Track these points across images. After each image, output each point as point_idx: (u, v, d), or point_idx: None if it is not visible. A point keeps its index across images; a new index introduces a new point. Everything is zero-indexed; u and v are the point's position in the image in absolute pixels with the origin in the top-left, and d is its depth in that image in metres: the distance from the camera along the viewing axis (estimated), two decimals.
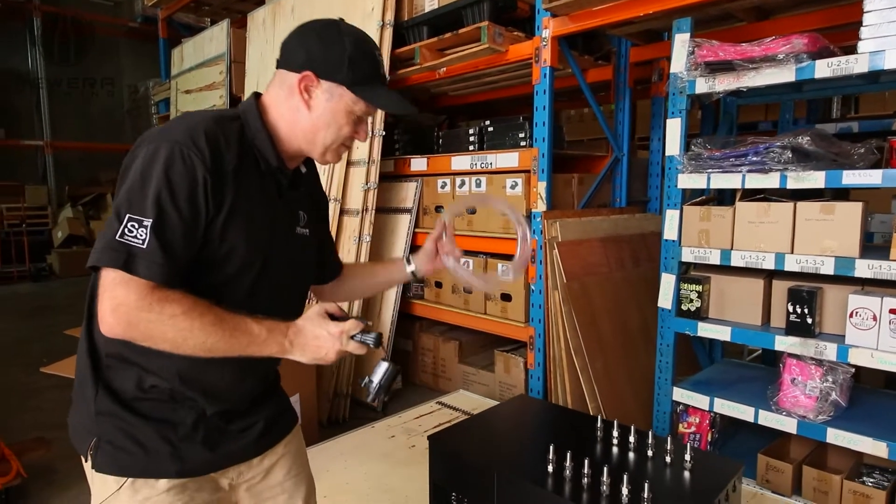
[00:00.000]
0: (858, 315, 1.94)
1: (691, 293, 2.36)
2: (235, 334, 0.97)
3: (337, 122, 1.09)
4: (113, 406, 1.04)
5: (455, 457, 1.33)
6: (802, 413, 2.06)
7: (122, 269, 0.91)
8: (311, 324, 1.03)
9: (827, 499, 2.09)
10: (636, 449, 1.31)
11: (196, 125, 1.00)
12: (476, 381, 3.49)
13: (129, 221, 0.92)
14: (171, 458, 1.04)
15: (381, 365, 1.12)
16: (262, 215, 1.07)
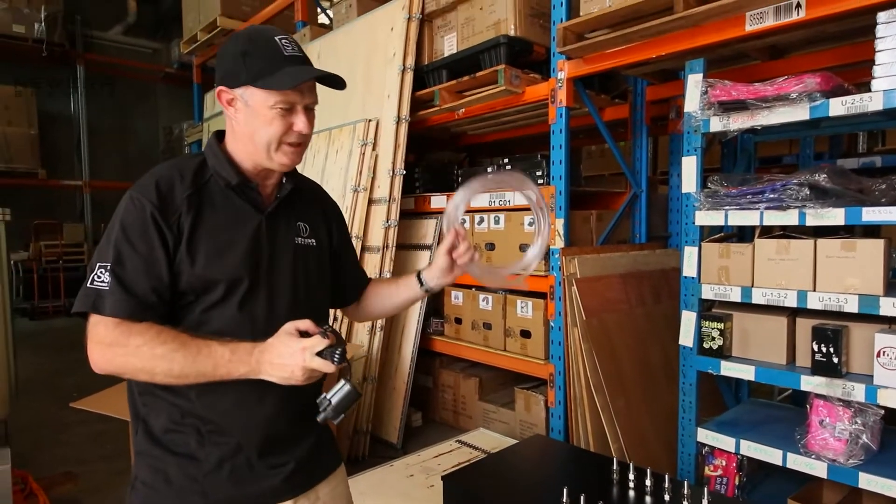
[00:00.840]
0: (886, 354, 1.89)
1: (713, 331, 2.33)
2: (199, 358, 0.99)
3: (262, 122, 1.07)
4: (147, 444, 1.09)
5: (469, 497, 1.33)
6: (832, 457, 1.99)
7: (91, 310, 1.01)
8: (277, 341, 1.02)
9: None
10: (653, 493, 1.29)
11: (150, 175, 1.10)
12: (496, 419, 3.46)
13: (98, 268, 1.02)
14: (195, 493, 1.07)
15: (340, 384, 1.04)
16: (237, 233, 1.11)
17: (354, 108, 3.70)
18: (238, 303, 1.09)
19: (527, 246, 3.07)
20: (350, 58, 3.83)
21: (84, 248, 9.12)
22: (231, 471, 1.09)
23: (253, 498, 1.11)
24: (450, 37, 3.38)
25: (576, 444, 2.85)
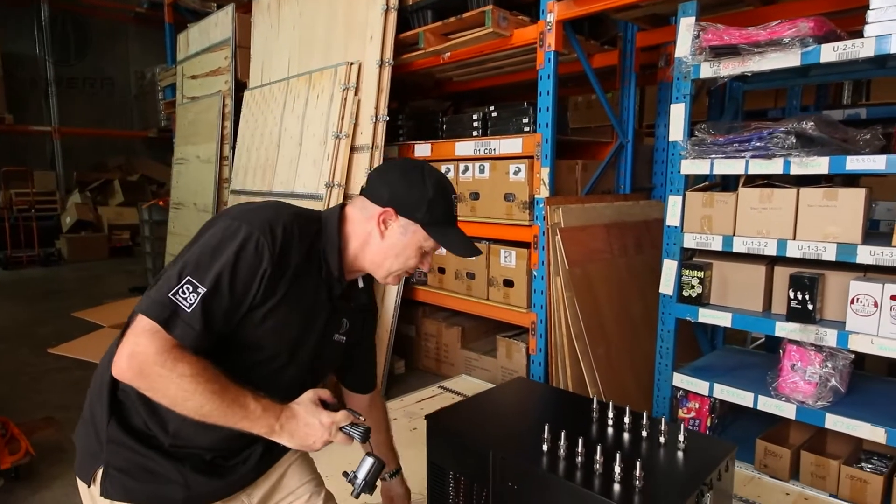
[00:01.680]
0: (859, 301, 1.94)
1: (693, 279, 2.36)
2: (233, 407, 0.99)
3: (406, 254, 1.16)
4: (123, 436, 1.08)
5: (452, 436, 1.35)
6: (801, 399, 2.07)
7: (160, 323, 0.96)
8: (304, 410, 1.04)
9: (825, 484, 2.10)
10: (631, 430, 1.32)
11: (278, 217, 1.06)
12: (479, 366, 3.52)
13: (186, 283, 0.98)
14: (179, 486, 1.08)
15: (365, 461, 1.12)
16: (306, 315, 1.12)
17: (336, 51, 3.56)
18: (267, 371, 1.11)
19: (512, 196, 3.06)
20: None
21: (56, 196, 8.87)
22: (210, 468, 1.12)
23: (230, 486, 1.16)
24: None
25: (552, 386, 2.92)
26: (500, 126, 3.23)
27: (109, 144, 10.40)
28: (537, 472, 1.18)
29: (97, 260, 8.35)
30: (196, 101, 5.26)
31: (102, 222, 8.76)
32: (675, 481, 1.14)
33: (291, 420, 1.03)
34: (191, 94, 5.41)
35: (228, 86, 4.72)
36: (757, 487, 2.07)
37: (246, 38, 4.57)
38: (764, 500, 1.98)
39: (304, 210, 1.16)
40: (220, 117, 4.77)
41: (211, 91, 5.00)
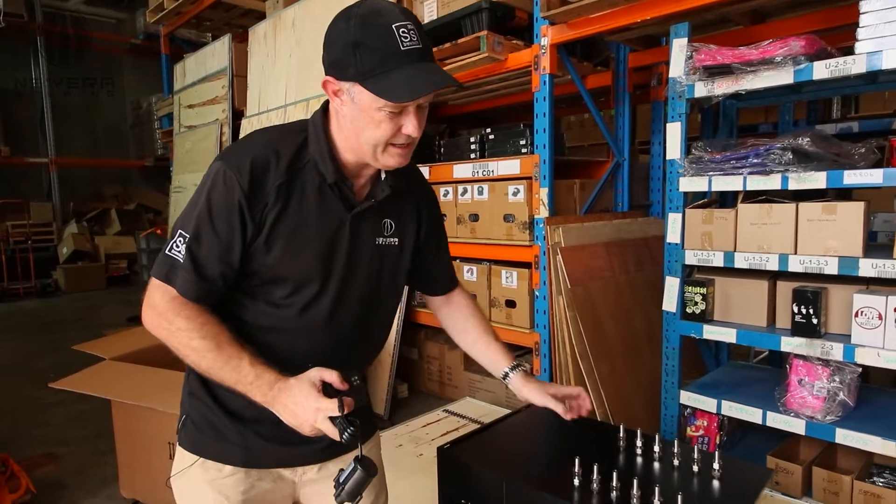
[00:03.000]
0: (864, 314, 1.94)
1: (696, 296, 2.36)
2: (225, 368, 0.99)
3: (369, 123, 0.98)
4: (199, 389, 1.12)
5: (464, 467, 1.33)
6: (810, 414, 2.05)
7: (164, 280, 1.01)
8: (297, 388, 0.97)
9: (838, 500, 2.07)
10: (661, 459, 1.29)
11: (246, 148, 1.04)
12: (482, 388, 3.49)
13: (178, 237, 1.01)
14: (238, 448, 1.10)
15: (351, 469, 0.97)
16: (320, 231, 1.06)
17: None
18: (300, 308, 1.07)
19: (512, 217, 3.08)
20: (325, 24, 3.71)
21: (53, 227, 8.87)
22: (274, 435, 1.11)
23: (289, 458, 1.15)
24: (430, 2, 3.30)
25: None
26: (497, 148, 3.26)
27: (106, 174, 10.43)
28: (553, 501, 1.16)
29: (95, 290, 8.31)
30: (193, 130, 5.30)
31: (99, 252, 8.74)
32: None
33: (284, 392, 0.97)
34: (188, 123, 5.44)
35: (226, 114, 4.76)
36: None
37: (243, 67, 4.63)
38: None
39: (287, 125, 1.10)
40: (217, 146, 4.80)
41: (208, 120, 5.04)
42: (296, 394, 0.96)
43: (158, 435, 2.39)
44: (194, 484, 1.11)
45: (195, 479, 1.11)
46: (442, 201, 3.48)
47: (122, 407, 2.50)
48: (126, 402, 2.40)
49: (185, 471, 1.12)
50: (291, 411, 0.97)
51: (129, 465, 2.59)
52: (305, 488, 1.20)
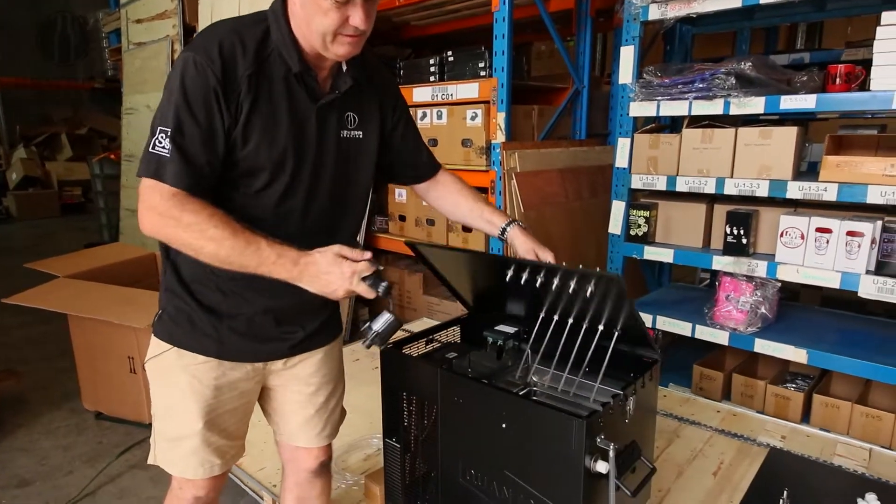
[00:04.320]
0: (788, 234, 2.08)
1: (639, 218, 2.47)
2: (246, 252, 1.00)
3: (317, 10, 1.01)
4: (176, 285, 1.16)
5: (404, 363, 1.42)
6: (734, 326, 2.23)
7: (154, 177, 1.00)
8: (324, 259, 1.03)
9: (752, 402, 2.30)
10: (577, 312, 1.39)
11: (211, 36, 1.04)
12: (440, 310, 3.62)
13: (159, 133, 1.01)
14: (213, 341, 1.17)
15: (383, 315, 1.15)
16: (289, 122, 1.08)
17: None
18: (278, 197, 1.11)
19: (469, 142, 3.09)
20: None
21: (0, 151, 8.45)
22: (248, 330, 1.18)
23: (260, 354, 1.22)
24: None
25: None
26: (456, 71, 3.22)
27: (53, 96, 9.88)
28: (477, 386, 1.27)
29: (48, 218, 8.07)
30: (143, 47, 5.03)
31: (51, 178, 8.43)
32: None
33: (311, 266, 1.02)
34: (137, 40, 5.16)
35: (177, 30, 4.52)
36: (692, 407, 2.25)
37: None
38: (697, 417, 2.16)
39: (246, 16, 1.11)
40: (168, 64, 4.59)
41: (158, 36, 4.78)
42: (325, 264, 1.02)
43: (118, 349, 2.44)
44: (169, 368, 1.18)
45: (170, 363, 1.18)
46: None
47: (80, 322, 2.53)
48: (84, 317, 2.42)
49: (161, 356, 1.19)
50: (324, 280, 1.02)
51: (91, 379, 2.65)
52: (272, 377, 1.29)
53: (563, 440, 1.09)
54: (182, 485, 1.24)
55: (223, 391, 1.20)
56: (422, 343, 1.58)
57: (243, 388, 1.23)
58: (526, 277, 1.27)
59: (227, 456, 1.25)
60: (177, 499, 1.26)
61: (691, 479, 1.77)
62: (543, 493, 1.15)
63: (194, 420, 1.18)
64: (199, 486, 1.23)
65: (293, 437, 1.35)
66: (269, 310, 1.19)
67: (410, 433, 1.43)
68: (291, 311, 1.22)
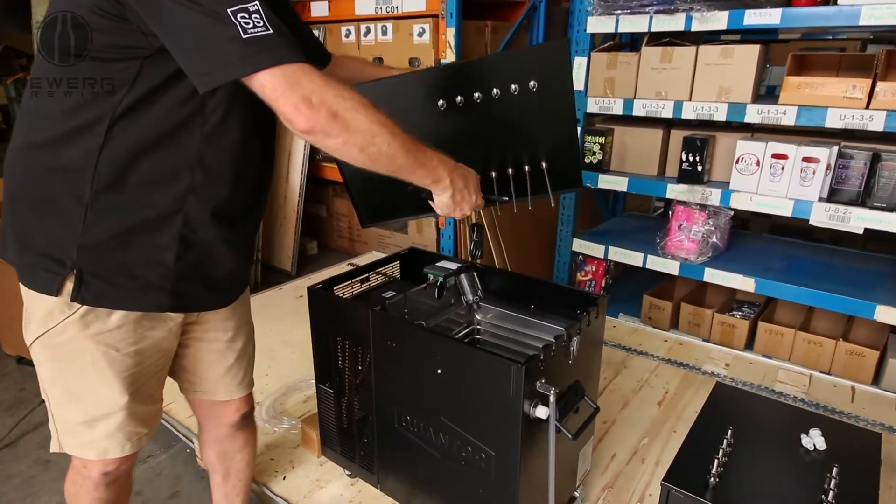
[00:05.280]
0: (744, 161, 2.01)
1: (594, 146, 2.35)
2: (413, 147, 0.94)
3: None
4: (102, 238, 0.92)
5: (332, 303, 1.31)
6: (685, 256, 2.19)
7: (280, 62, 0.79)
8: (473, 180, 1.09)
9: (699, 330, 2.31)
10: None
11: None
12: (391, 243, 3.50)
13: (234, 14, 0.76)
14: (164, 293, 0.98)
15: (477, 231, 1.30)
16: None
17: None
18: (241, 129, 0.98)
19: (417, 61, 2.86)
20: None
21: None
22: (202, 273, 1.02)
23: (210, 301, 1.09)
24: None
25: None
26: None
27: None
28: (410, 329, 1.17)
29: None
30: None
31: None
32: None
33: (460, 177, 1.05)
34: None
35: None
36: (640, 337, 2.24)
37: None
38: (645, 347, 2.15)
39: None
40: None
41: None
42: (472, 183, 1.09)
43: None
44: (71, 342, 0.96)
45: (71, 336, 0.96)
46: (344, 42, 3.17)
47: None
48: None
49: (57, 329, 0.95)
50: (460, 197, 1.07)
51: (10, 326, 2.45)
52: (188, 329, 1.13)
53: (501, 386, 1.01)
54: (87, 463, 1.08)
55: (145, 355, 1.03)
56: (357, 282, 1.46)
57: (166, 347, 1.07)
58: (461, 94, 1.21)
59: (153, 422, 1.12)
60: (82, 478, 1.10)
61: (637, 409, 1.77)
62: (480, 440, 1.09)
63: (117, 396, 1.01)
64: (112, 461, 1.08)
65: (213, 392, 1.23)
66: (229, 243, 1.03)
67: (344, 378, 1.33)
68: (245, 246, 1.10)
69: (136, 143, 0.89)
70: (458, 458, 1.13)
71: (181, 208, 0.94)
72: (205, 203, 0.96)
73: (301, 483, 1.48)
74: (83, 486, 1.11)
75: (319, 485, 1.47)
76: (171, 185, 0.93)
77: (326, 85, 0.83)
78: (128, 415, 1.03)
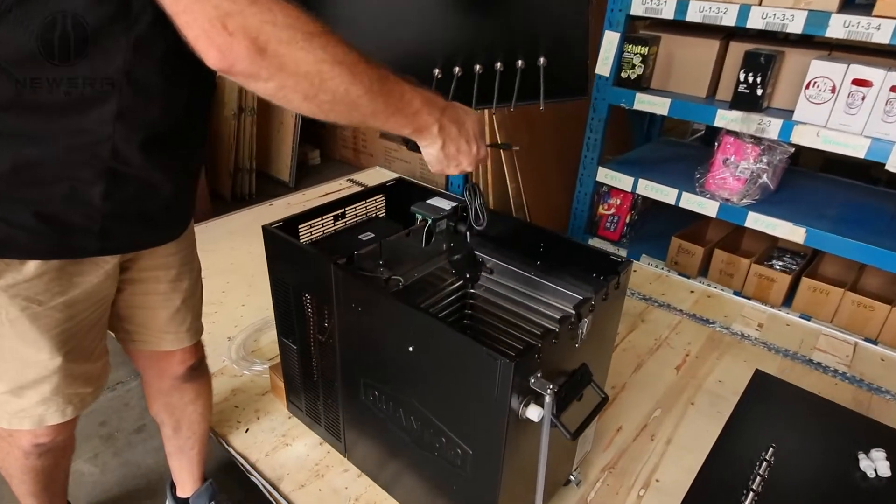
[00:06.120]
0: (816, 86, 1.64)
1: (635, 56, 1.98)
2: (383, 89, 0.68)
3: None
4: (12, 185, 0.70)
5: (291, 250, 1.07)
6: (727, 196, 1.89)
7: None
8: (472, 124, 0.82)
9: (731, 281, 2.05)
10: None
11: None
12: (398, 157, 3.20)
13: None
14: (89, 236, 0.76)
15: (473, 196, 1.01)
16: None
17: None
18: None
19: None
20: None
21: None
22: (134, 214, 0.80)
23: (145, 239, 0.87)
24: None
25: None
26: None
27: None
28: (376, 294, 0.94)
29: None
30: None
31: None
32: None
33: (453, 121, 0.80)
34: None
35: None
36: (663, 285, 1.99)
37: None
38: (668, 297, 1.91)
39: None
40: None
41: None
42: (469, 131, 0.82)
43: None
44: None
45: None
46: None
47: None
48: None
49: None
50: (454, 149, 0.81)
51: None
52: (127, 270, 0.92)
53: (484, 381, 0.78)
54: (13, 433, 0.90)
55: (78, 307, 0.83)
56: (330, 218, 1.21)
57: (104, 295, 0.87)
58: None
59: (100, 380, 0.93)
60: (10, 447, 0.94)
61: (651, 374, 1.56)
62: (457, 434, 0.88)
63: (46, 358, 0.82)
64: (44, 432, 0.90)
65: (156, 342, 1.03)
66: (167, 172, 0.80)
67: (308, 334, 1.13)
68: (186, 174, 0.86)
69: None
70: (430, 447, 0.94)
71: (109, 136, 0.70)
72: (135, 128, 0.72)
73: (264, 438, 1.32)
74: (11, 454, 0.95)
75: (285, 441, 1.31)
76: (93, 106, 0.68)
77: (253, 5, 0.57)
78: (65, 376, 0.85)
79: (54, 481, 1.09)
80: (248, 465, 1.27)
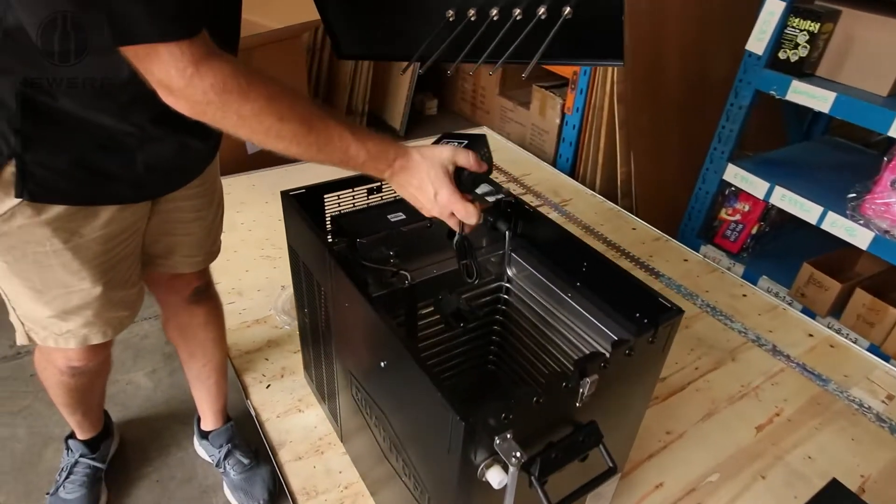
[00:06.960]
0: None
1: (801, 34, 1.59)
2: (330, 144, 0.71)
3: None
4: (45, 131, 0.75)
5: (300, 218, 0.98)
6: (886, 228, 1.48)
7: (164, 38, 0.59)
8: (427, 169, 0.78)
9: (870, 332, 1.63)
10: None
11: None
12: (513, 118, 3.00)
13: None
14: (126, 184, 0.82)
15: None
16: None
17: None
18: None
19: None
20: None
21: None
22: (164, 162, 0.84)
23: (175, 181, 0.92)
24: None
25: (583, 162, 2.42)
26: None
27: None
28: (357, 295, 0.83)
29: None
30: None
31: None
32: None
33: (403, 172, 0.79)
34: None
35: None
36: (776, 319, 1.64)
37: None
38: (776, 336, 1.57)
39: None
40: None
41: None
42: (424, 176, 0.78)
43: None
44: (25, 230, 0.80)
45: (24, 223, 0.79)
46: None
47: None
48: None
49: (2, 218, 0.78)
50: (411, 194, 0.81)
51: None
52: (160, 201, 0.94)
53: (438, 430, 0.65)
54: (51, 351, 0.96)
55: (114, 239, 0.86)
56: (363, 190, 1.11)
57: (137, 227, 0.91)
58: None
59: (136, 305, 0.98)
60: (47, 362, 1.02)
61: (721, 427, 1.30)
62: (417, 466, 0.77)
63: (89, 286, 0.86)
64: (77, 355, 0.95)
65: (173, 266, 1.04)
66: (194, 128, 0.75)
67: (317, 310, 1.06)
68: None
69: None
70: (396, 467, 0.84)
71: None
72: None
73: (281, 399, 1.31)
74: (48, 368, 1.03)
75: (298, 407, 1.29)
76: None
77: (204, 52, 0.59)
78: (104, 303, 0.90)
79: (88, 398, 1.17)
80: (258, 423, 1.26)
